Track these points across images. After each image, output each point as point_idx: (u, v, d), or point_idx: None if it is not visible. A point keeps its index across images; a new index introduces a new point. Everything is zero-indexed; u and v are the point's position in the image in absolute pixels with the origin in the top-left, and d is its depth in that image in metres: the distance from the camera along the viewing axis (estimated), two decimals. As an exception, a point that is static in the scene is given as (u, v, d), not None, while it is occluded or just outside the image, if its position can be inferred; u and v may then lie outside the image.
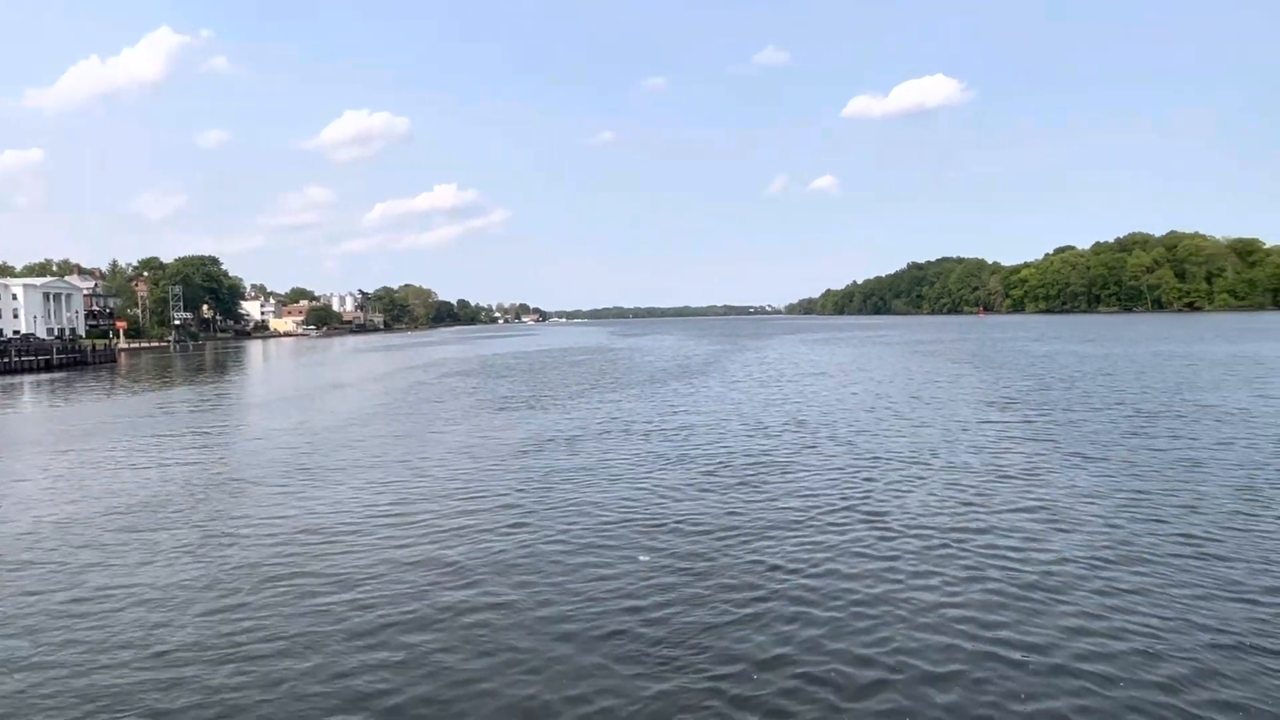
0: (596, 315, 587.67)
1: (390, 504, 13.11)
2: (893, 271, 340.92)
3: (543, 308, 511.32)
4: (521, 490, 13.93)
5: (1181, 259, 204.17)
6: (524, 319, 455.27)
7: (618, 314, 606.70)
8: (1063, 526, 10.70)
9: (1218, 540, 9.87)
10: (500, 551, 10.27)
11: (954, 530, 10.66)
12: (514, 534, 11.08)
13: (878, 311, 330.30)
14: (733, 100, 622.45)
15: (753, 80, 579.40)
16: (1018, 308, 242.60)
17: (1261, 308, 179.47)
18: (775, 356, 54.58)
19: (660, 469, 15.57)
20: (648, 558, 9.88)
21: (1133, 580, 8.56)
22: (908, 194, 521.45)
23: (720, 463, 15.99)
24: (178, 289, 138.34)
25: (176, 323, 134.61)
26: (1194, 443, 16.82)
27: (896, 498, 12.62)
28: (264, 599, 8.73)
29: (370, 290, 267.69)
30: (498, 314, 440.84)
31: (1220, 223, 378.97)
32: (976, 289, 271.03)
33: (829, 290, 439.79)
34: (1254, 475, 13.50)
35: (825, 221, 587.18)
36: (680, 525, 11.33)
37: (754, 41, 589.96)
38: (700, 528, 11.18)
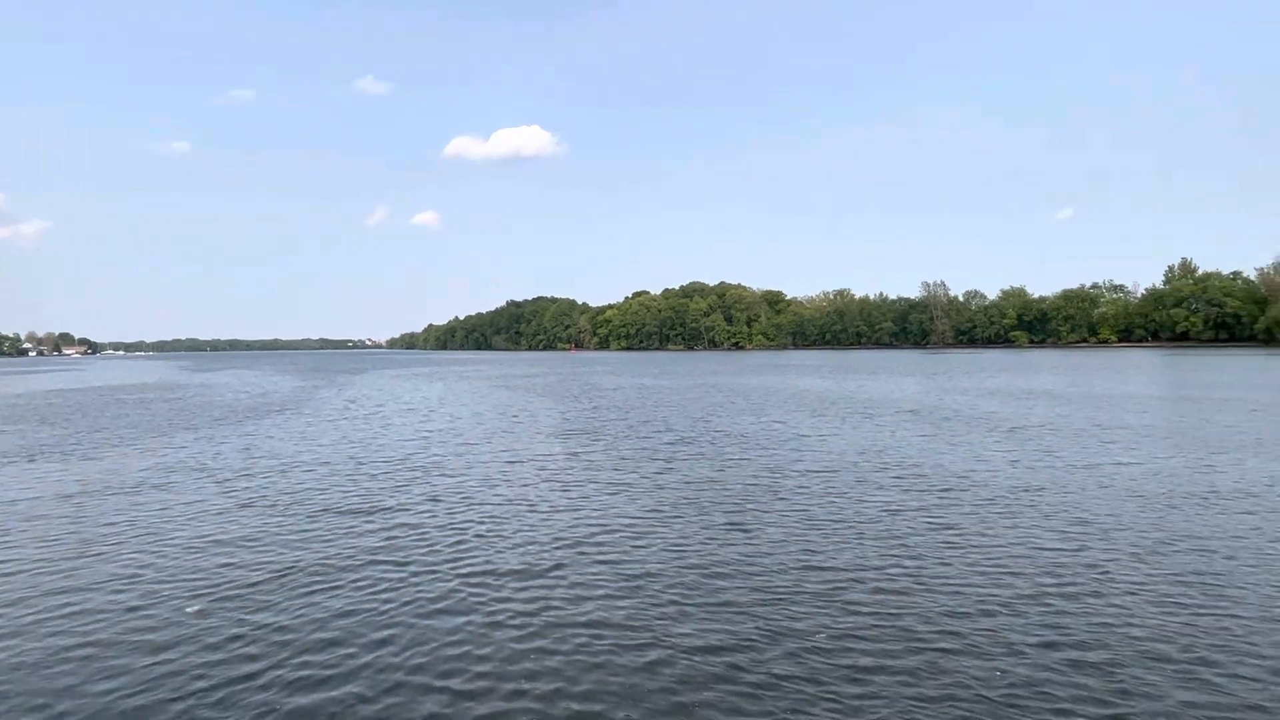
0: (166, 348, 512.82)
1: None
2: (493, 309, 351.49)
3: (93, 338, 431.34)
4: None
5: (729, 306, 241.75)
6: (66, 351, 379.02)
7: (192, 347, 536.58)
8: (591, 553, 11.29)
9: (716, 545, 11.19)
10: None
11: (464, 568, 10.62)
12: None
13: (479, 347, 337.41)
14: (330, 124, 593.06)
15: (351, 107, 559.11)
16: (604, 345, 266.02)
17: (784, 347, 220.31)
18: (366, 392, 52.14)
19: (215, 515, 13.37)
20: (196, 608, 8.46)
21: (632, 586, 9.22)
22: (507, 234, 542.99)
23: (280, 504, 14.26)
24: None
25: None
26: (710, 462, 19.34)
27: (449, 533, 12.30)
28: None
29: None
30: (27, 344, 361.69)
31: (756, 276, 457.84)
32: (569, 327, 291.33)
33: (431, 325, 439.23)
34: (747, 488, 15.81)
35: (428, 257, 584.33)
36: (239, 571, 9.71)
37: (354, 68, 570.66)
38: (260, 571, 9.70)
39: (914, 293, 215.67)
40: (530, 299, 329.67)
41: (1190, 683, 6.81)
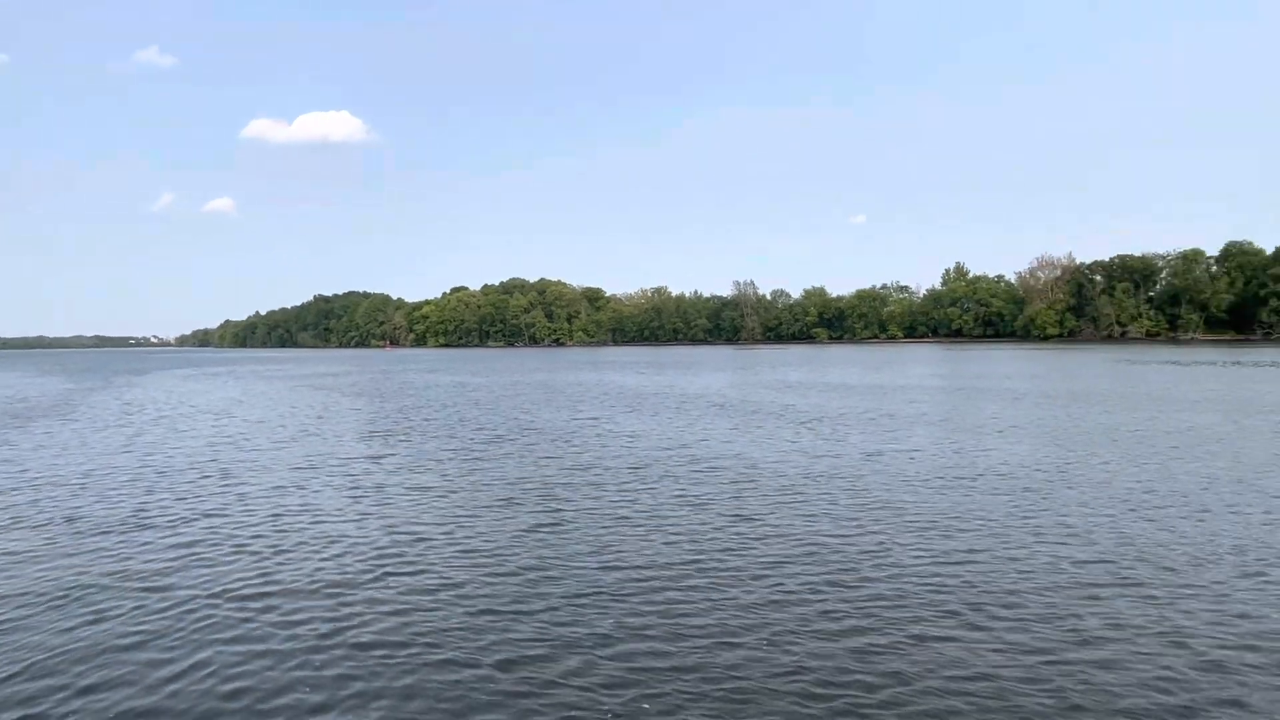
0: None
1: None
2: (299, 304, 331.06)
3: None
4: None
5: (550, 302, 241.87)
6: None
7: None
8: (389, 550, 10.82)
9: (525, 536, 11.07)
10: None
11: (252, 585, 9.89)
12: None
13: (284, 345, 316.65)
14: (104, 98, 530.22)
15: (131, 79, 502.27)
16: (421, 342, 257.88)
17: (604, 343, 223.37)
18: (150, 395, 47.27)
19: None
20: None
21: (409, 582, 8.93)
22: (314, 225, 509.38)
23: (40, 523, 12.46)
24: None
25: None
26: (523, 460, 19.19)
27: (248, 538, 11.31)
28: None
29: None
30: None
31: (576, 273, 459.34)
32: (383, 323, 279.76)
33: (228, 321, 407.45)
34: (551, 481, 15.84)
35: (224, 247, 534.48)
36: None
37: (134, 37, 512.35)
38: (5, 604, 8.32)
39: (727, 291, 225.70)
40: (341, 294, 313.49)
41: (969, 650, 7.55)
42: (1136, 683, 6.76)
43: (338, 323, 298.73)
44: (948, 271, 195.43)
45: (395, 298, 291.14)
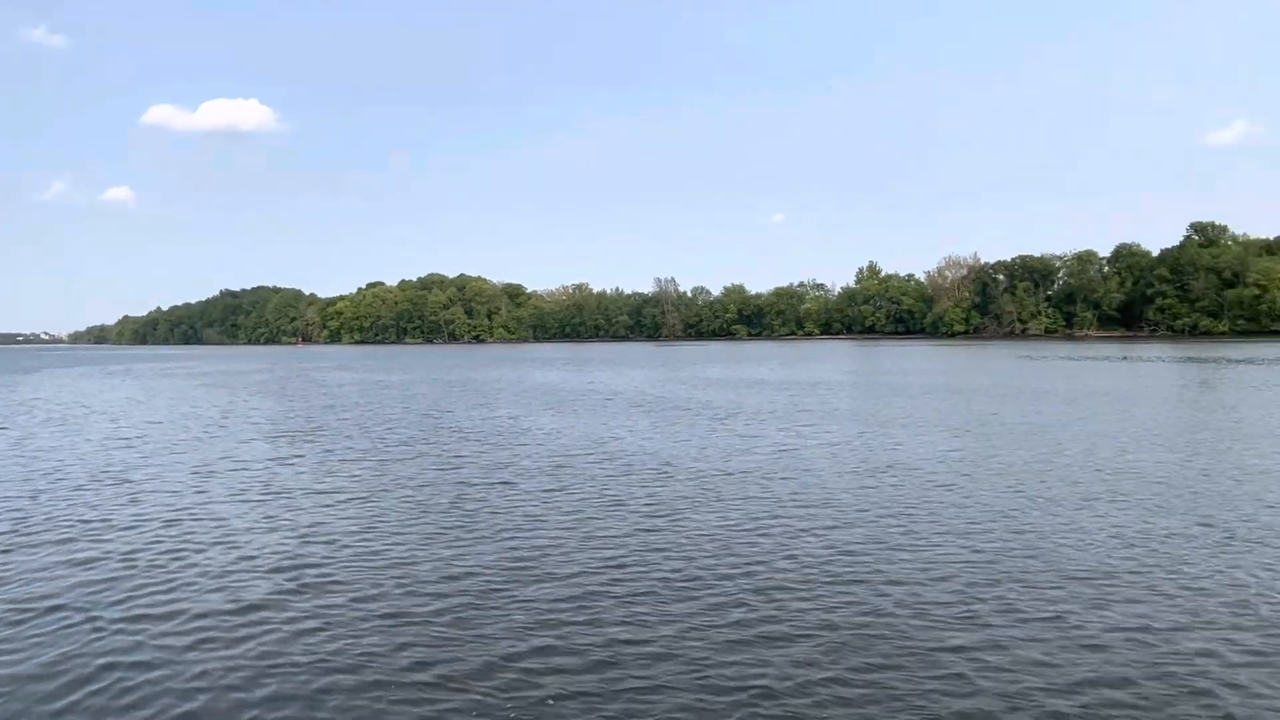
0: None
1: None
2: (205, 299, 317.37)
3: None
4: None
5: (470, 299, 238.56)
6: None
7: None
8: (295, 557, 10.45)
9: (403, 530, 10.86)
10: None
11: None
12: None
13: (188, 341, 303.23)
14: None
15: (17, 59, 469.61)
16: (335, 339, 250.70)
17: (525, 340, 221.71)
18: (40, 394, 44.42)
19: None
20: None
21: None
22: (221, 217, 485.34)
23: None
24: None
25: None
26: (438, 461, 18.85)
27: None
28: None
29: None
30: None
31: (497, 269, 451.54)
32: (295, 320, 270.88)
33: (127, 317, 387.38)
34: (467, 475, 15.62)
35: (121, 239, 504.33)
36: None
37: (21, 15, 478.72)
38: None
39: (648, 288, 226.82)
40: (249, 288, 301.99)
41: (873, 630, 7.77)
42: (1029, 662, 7.09)
43: (246, 319, 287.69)
44: (861, 270, 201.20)
45: (308, 293, 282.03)
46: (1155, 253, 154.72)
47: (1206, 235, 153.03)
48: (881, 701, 6.47)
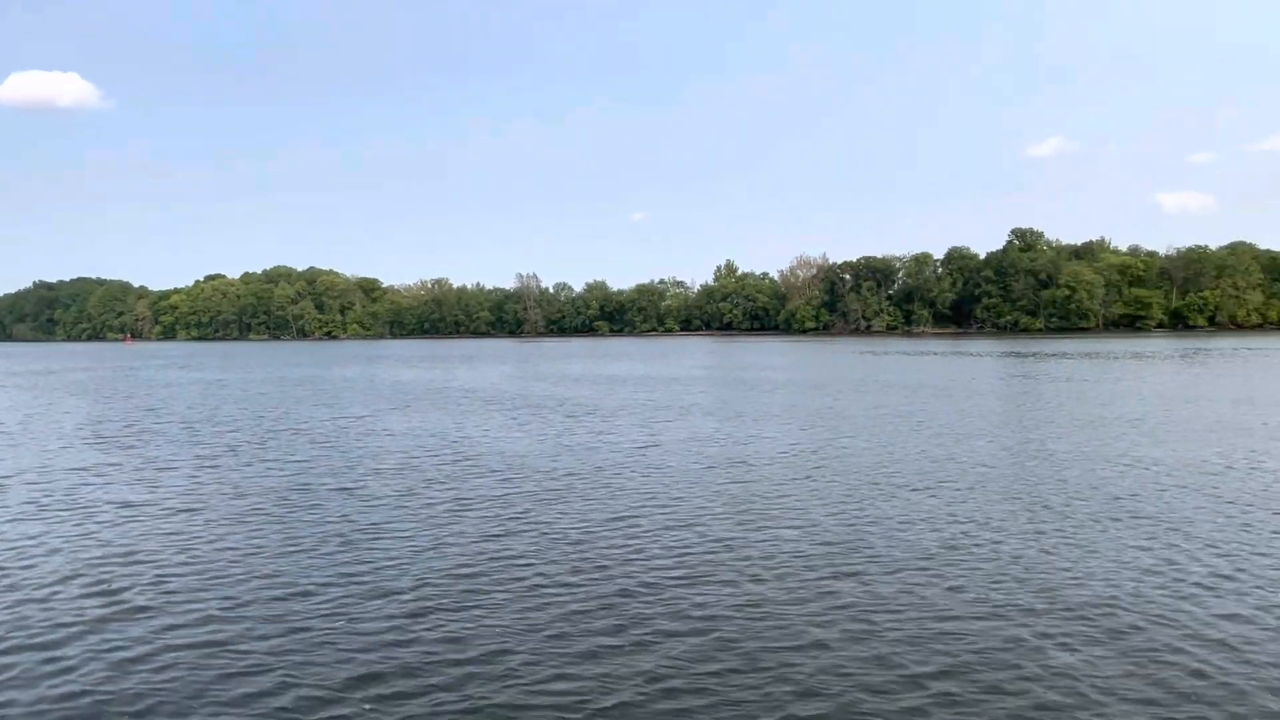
0: None
1: None
2: (15, 290, 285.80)
3: None
4: None
5: (320, 293, 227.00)
6: None
7: None
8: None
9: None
10: None
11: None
12: None
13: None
14: None
15: None
16: (169, 334, 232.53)
17: (381, 336, 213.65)
18: None
19: None
20: None
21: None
22: (32, 201, 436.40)
23: None
24: None
25: None
26: (274, 464, 17.65)
27: None
28: None
29: None
30: None
31: (351, 262, 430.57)
32: (122, 314, 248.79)
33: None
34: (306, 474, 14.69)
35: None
36: None
37: None
38: None
39: (510, 284, 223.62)
40: (68, 280, 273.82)
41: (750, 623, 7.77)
42: (884, 644, 7.33)
43: (65, 313, 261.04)
44: (719, 268, 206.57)
45: (137, 285, 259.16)
46: (982, 255, 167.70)
47: (1025, 240, 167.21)
48: (750, 690, 6.47)
